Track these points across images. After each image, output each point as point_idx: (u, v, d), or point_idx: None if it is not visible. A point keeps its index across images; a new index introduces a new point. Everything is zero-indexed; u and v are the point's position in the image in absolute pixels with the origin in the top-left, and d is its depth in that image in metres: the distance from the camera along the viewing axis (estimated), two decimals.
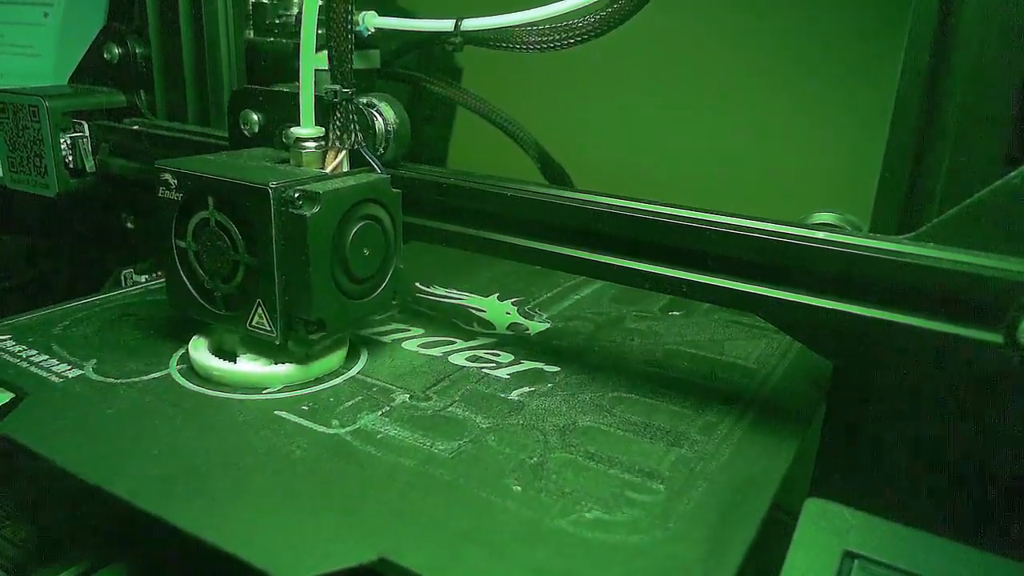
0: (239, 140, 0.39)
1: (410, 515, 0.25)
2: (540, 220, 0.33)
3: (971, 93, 0.27)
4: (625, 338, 0.40)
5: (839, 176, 0.54)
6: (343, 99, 0.33)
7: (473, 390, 0.33)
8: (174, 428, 0.29)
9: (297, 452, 0.28)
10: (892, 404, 0.29)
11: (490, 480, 0.27)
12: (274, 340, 0.31)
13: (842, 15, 0.57)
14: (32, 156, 0.48)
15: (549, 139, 0.51)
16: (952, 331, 0.25)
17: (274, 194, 0.29)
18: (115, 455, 0.27)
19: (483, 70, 0.60)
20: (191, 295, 0.33)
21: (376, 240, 0.33)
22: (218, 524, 0.24)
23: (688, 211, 0.30)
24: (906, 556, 0.22)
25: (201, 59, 0.48)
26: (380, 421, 0.30)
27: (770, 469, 0.28)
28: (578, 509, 0.25)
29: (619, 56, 0.61)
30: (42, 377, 0.32)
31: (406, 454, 0.28)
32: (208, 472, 0.26)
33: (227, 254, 0.31)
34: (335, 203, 0.30)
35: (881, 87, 0.32)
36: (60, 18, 0.58)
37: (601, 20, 0.37)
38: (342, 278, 0.32)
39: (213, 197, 0.31)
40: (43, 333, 0.37)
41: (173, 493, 0.25)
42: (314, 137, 0.33)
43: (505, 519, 0.25)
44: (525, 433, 0.30)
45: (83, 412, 0.30)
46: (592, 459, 0.28)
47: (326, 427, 0.30)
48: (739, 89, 0.62)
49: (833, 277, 0.27)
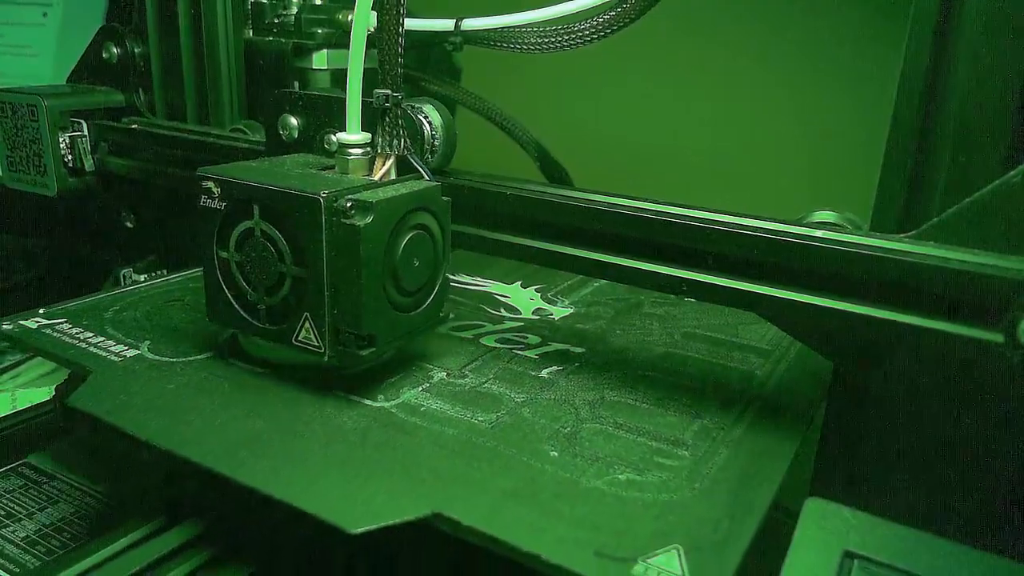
0: (276, 145, 0.37)
1: (457, 477, 0.27)
2: (540, 219, 0.33)
3: (971, 93, 0.27)
4: (644, 322, 0.42)
5: (839, 176, 0.54)
6: (393, 104, 0.31)
7: (506, 368, 0.35)
8: (231, 402, 0.31)
9: (348, 423, 0.30)
10: (892, 404, 0.29)
11: (528, 447, 0.29)
12: (322, 356, 0.30)
13: (842, 15, 0.57)
14: (31, 155, 0.48)
15: (549, 138, 0.51)
16: (952, 331, 0.25)
17: (325, 203, 0.28)
18: (181, 425, 0.29)
19: (483, 70, 0.60)
20: (233, 308, 0.32)
21: (426, 250, 0.31)
22: (283, 483, 0.26)
23: (688, 210, 0.30)
24: (906, 556, 0.22)
25: (200, 58, 0.48)
26: (422, 396, 0.32)
27: (786, 436, 0.30)
28: (612, 472, 0.27)
29: (619, 56, 0.61)
30: (102, 356, 0.34)
31: (449, 424, 0.30)
32: (268, 440, 0.28)
33: (273, 265, 0.30)
34: (388, 212, 0.29)
35: (881, 87, 0.32)
36: (59, 18, 0.58)
37: (602, 24, 0.37)
38: (392, 290, 0.30)
39: (259, 206, 0.30)
40: (96, 317, 0.38)
41: (239, 457, 0.27)
42: (360, 143, 0.32)
43: (545, 480, 0.27)
44: (557, 406, 0.32)
45: (146, 387, 0.31)
46: (621, 429, 0.30)
47: (372, 401, 0.31)
48: (739, 88, 0.62)
49: (833, 276, 0.27)
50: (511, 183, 0.34)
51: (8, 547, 0.32)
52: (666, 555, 0.23)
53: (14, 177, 0.50)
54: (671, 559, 0.23)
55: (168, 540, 0.29)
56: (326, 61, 0.47)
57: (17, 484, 0.35)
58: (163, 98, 0.50)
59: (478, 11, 0.40)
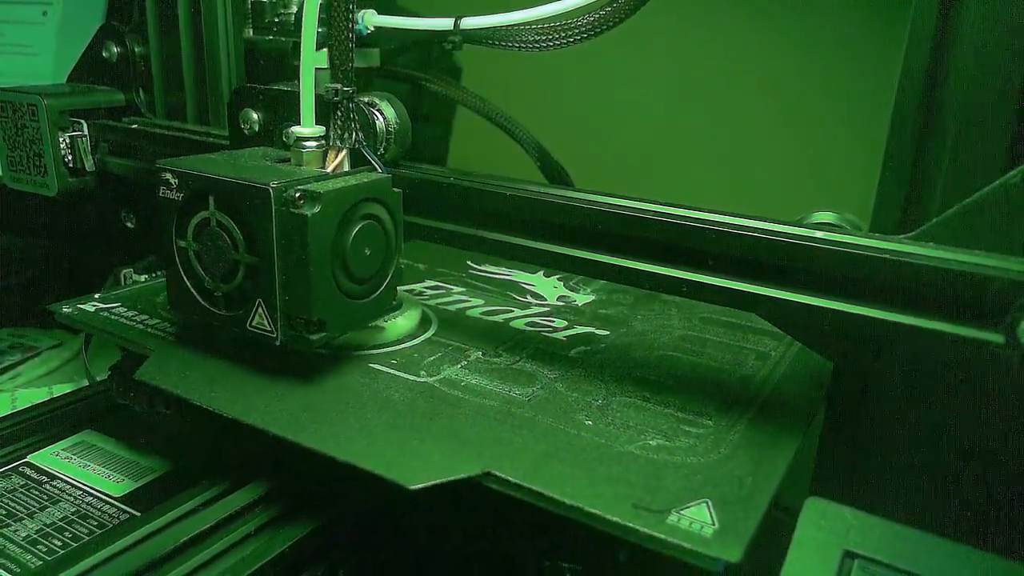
0: (239, 139, 0.39)
1: (502, 442, 0.29)
2: (540, 220, 0.33)
3: (971, 93, 0.27)
4: (663, 308, 0.44)
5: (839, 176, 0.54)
6: (344, 98, 0.33)
7: (537, 348, 0.38)
8: (285, 377, 0.33)
9: (396, 395, 0.32)
10: (892, 404, 0.29)
11: (564, 417, 0.31)
12: (274, 340, 0.31)
13: (842, 15, 0.57)
14: (31, 155, 0.48)
15: (549, 138, 0.51)
16: (952, 331, 0.25)
17: (275, 193, 0.30)
18: (243, 396, 0.31)
19: (483, 69, 0.60)
20: (191, 295, 0.33)
21: (377, 240, 0.33)
22: (344, 445, 0.28)
23: (688, 211, 0.30)
24: (906, 556, 0.22)
25: (200, 58, 0.48)
26: (461, 372, 0.35)
27: (802, 405, 0.33)
28: (643, 438, 0.30)
29: (619, 56, 0.61)
30: (160, 336, 0.36)
31: (489, 397, 0.32)
32: (325, 409, 0.31)
33: (227, 254, 0.31)
34: (336, 203, 0.30)
35: (881, 87, 0.32)
36: (59, 17, 0.58)
37: (600, 19, 0.37)
38: (343, 278, 0.32)
39: (214, 197, 0.31)
40: (148, 302, 0.40)
41: (300, 423, 0.30)
42: (314, 136, 0.33)
43: (582, 445, 0.29)
44: (588, 382, 0.34)
45: (204, 362, 0.34)
46: (649, 402, 0.33)
47: (416, 376, 0.34)
48: (739, 88, 0.62)
49: (833, 277, 0.27)
50: (511, 183, 0.34)
51: (9, 547, 0.32)
52: (697, 507, 0.25)
53: (14, 177, 0.50)
54: (701, 510, 0.25)
55: (234, 501, 0.31)
56: (326, 60, 0.47)
57: (18, 484, 0.35)
58: (163, 98, 0.50)
59: (478, 10, 0.40)
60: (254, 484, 0.32)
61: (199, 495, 0.32)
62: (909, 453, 0.29)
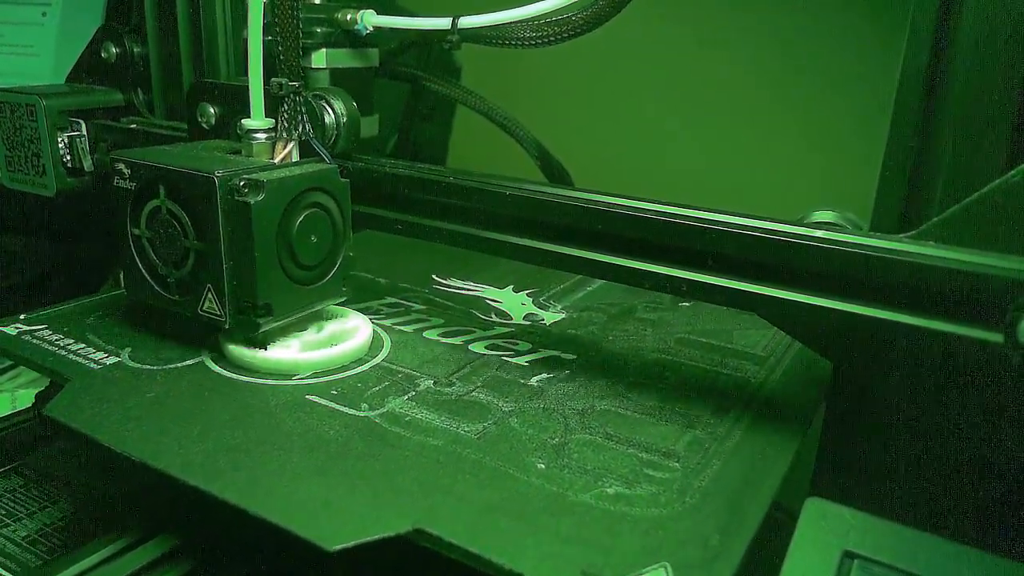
0: (197, 132, 0.40)
1: (441, 490, 0.26)
2: (540, 219, 0.33)
3: (971, 93, 0.27)
4: (637, 328, 0.41)
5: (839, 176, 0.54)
6: (289, 92, 0.34)
7: (494, 376, 0.34)
8: (211, 411, 0.30)
9: (330, 433, 0.29)
10: (892, 404, 0.29)
11: (515, 459, 0.28)
12: (223, 324, 0.32)
13: (842, 15, 0.57)
14: (30, 155, 0.48)
15: (549, 138, 0.51)
16: (952, 331, 0.25)
17: (220, 182, 0.31)
18: (158, 435, 0.28)
19: (483, 68, 0.60)
20: (146, 281, 0.34)
21: (323, 228, 0.34)
22: (261, 496, 0.25)
23: (688, 210, 0.30)
24: (906, 556, 0.22)
25: (199, 58, 0.48)
26: (407, 405, 0.31)
27: (780, 447, 0.30)
28: (600, 485, 0.27)
29: (619, 56, 0.61)
30: (81, 364, 0.33)
31: (434, 435, 0.29)
32: (247, 450, 0.28)
33: (178, 241, 0.32)
34: (280, 191, 0.31)
35: (881, 87, 0.32)
36: (58, 18, 0.58)
37: (594, 13, 0.37)
38: (289, 264, 0.33)
39: (164, 185, 0.32)
40: (78, 323, 0.38)
41: (216, 468, 0.26)
42: (264, 128, 0.34)
43: (531, 493, 0.26)
44: (546, 416, 0.31)
45: (124, 396, 0.31)
46: (611, 440, 0.30)
47: (356, 410, 0.31)
48: (739, 87, 0.62)
49: (833, 276, 0.27)
50: (511, 183, 0.34)
51: (9, 546, 0.32)
52: (654, 573, 0.22)
53: (13, 177, 0.50)
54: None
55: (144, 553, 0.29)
56: (325, 60, 0.47)
57: (17, 484, 0.35)
58: (162, 98, 0.50)
59: (476, 9, 0.40)
60: (165, 535, 0.30)
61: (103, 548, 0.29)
62: (909, 453, 0.29)
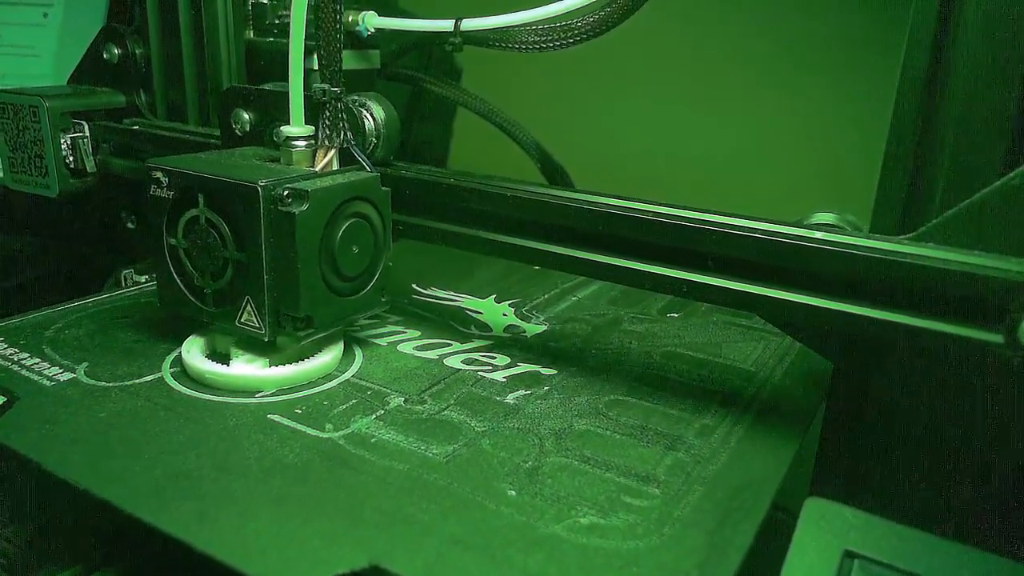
0: (230, 139, 0.39)
1: (403, 520, 0.24)
2: (540, 220, 0.33)
3: (971, 93, 0.27)
4: (622, 340, 0.39)
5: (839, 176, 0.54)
6: (331, 98, 0.33)
7: (469, 393, 0.33)
8: (166, 432, 0.29)
9: (289, 456, 0.27)
10: (892, 404, 0.29)
11: (484, 485, 0.26)
12: (263, 337, 0.31)
13: (842, 15, 0.57)
14: (33, 156, 0.48)
15: (549, 139, 0.51)
16: (952, 331, 0.25)
17: (263, 192, 0.30)
18: (105, 459, 0.27)
19: (483, 70, 0.60)
20: (181, 293, 0.33)
21: (365, 238, 0.33)
22: (208, 530, 0.23)
23: (688, 211, 0.30)
24: (906, 556, 0.22)
25: (201, 59, 0.48)
26: (374, 425, 0.30)
27: (768, 472, 0.28)
28: (573, 514, 0.25)
29: (619, 56, 0.61)
30: (33, 381, 0.32)
31: (400, 458, 0.28)
32: (199, 477, 0.26)
33: (217, 251, 0.31)
34: (323, 201, 0.31)
35: (881, 87, 0.32)
36: (59, 18, 0.58)
37: (600, 20, 0.37)
38: (330, 275, 0.32)
39: (203, 195, 0.31)
40: (35, 336, 0.36)
41: (163, 498, 0.25)
42: (304, 136, 0.33)
43: (499, 524, 0.24)
44: (520, 437, 0.30)
45: (74, 416, 0.29)
46: (588, 463, 0.28)
47: (319, 431, 0.29)
48: (739, 88, 0.62)
49: (833, 277, 0.27)
50: (511, 183, 0.34)
51: None
52: None
53: (16, 178, 0.50)
54: None
55: None
56: None
57: None
58: (164, 99, 0.50)
59: (478, 11, 0.40)
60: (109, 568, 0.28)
61: None
62: (909, 453, 0.29)
